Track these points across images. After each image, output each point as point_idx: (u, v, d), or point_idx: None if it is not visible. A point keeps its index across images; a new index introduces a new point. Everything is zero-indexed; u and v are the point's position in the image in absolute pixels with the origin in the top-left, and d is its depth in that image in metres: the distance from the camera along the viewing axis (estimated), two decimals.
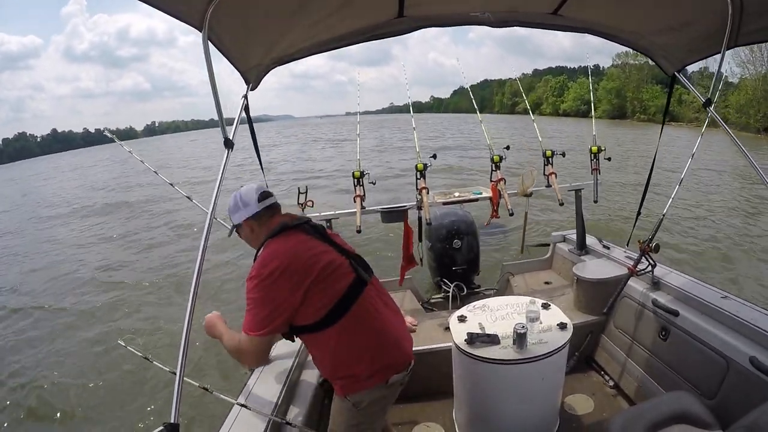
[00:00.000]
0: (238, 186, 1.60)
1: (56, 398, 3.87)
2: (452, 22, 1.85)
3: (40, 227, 12.39)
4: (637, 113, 42.98)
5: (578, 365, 2.65)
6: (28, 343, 5.00)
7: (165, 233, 9.65)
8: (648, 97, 42.42)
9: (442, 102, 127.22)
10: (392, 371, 1.50)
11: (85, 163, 40.39)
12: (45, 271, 7.93)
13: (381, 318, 1.52)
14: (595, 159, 3.14)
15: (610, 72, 48.60)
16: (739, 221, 7.85)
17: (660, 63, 2.10)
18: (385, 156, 18.88)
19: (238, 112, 1.69)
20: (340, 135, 33.75)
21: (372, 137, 28.72)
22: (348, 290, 1.43)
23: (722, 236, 6.95)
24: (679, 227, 7.22)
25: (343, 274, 1.44)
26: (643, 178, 2.65)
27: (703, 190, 10.14)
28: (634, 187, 9.65)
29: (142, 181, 17.38)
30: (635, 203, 2.78)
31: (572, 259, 3.22)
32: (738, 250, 6.38)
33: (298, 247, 1.42)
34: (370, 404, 1.50)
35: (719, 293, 2.07)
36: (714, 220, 7.79)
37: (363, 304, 1.46)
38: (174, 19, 1.17)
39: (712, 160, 13.58)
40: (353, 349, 1.46)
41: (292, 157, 22.66)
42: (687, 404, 1.51)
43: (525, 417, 1.90)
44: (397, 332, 1.57)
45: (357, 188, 2.99)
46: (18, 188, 26.56)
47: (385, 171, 13.80)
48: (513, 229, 6.15)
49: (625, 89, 45.62)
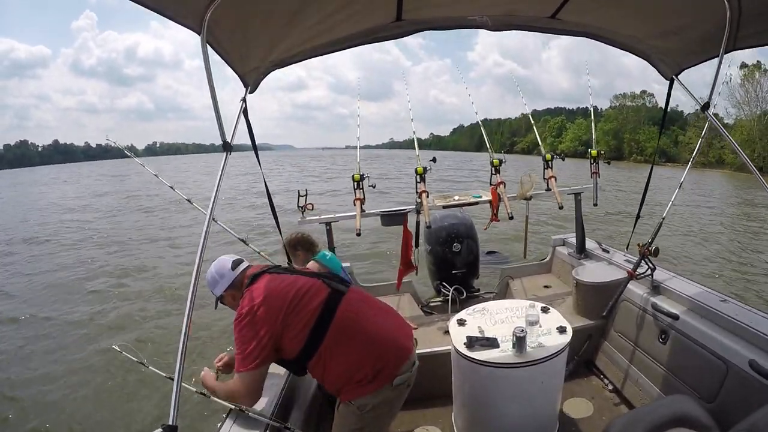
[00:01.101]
0: (238, 185, 1.62)
1: (51, 405, 3.85)
2: (450, 26, 1.85)
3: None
4: (634, 154, 43.93)
5: (578, 369, 2.64)
6: (21, 349, 4.99)
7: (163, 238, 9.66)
8: (644, 138, 43.33)
9: (441, 139, 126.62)
10: (394, 370, 1.50)
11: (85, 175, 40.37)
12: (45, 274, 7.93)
13: (369, 322, 1.54)
14: (594, 163, 3.14)
15: (608, 113, 49.50)
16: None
17: (658, 66, 2.10)
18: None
19: (236, 115, 1.70)
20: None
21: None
22: (325, 305, 1.49)
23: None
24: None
25: (316, 293, 1.52)
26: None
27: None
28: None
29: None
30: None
31: (572, 262, 3.21)
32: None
33: (270, 284, 1.53)
34: (375, 407, 1.50)
35: (719, 297, 2.07)
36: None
37: (345, 314, 1.50)
38: (181, 36, 1.18)
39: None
40: (350, 358, 1.48)
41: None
42: (686, 408, 1.50)
43: (524, 420, 1.89)
44: (392, 331, 1.58)
45: (357, 191, 2.99)
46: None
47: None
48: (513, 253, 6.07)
49: (622, 131, 46.63)
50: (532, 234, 4.81)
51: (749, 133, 28.72)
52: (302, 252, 2.38)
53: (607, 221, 9.42)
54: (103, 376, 4.14)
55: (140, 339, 4.83)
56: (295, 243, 2.38)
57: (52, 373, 4.36)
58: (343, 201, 9.74)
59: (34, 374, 4.38)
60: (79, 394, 3.94)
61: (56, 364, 4.54)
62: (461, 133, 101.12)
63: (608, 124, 47.49)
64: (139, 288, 6.68)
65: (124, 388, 3.89)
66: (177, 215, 12.53)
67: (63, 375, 4.31)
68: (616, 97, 50.57)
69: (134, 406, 3.65)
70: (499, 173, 3.01)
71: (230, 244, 3.02)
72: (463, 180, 17.57)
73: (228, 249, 1.95)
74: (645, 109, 46.40)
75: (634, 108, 47.55)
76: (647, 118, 44.85)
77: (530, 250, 3.78)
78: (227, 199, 14.36)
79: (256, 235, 8.51)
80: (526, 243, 3.84)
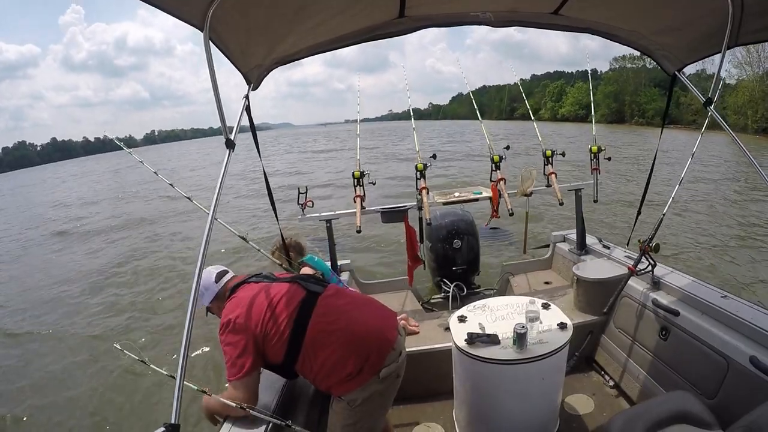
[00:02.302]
0: (240, 184, 1.62)
1: (51, 404, 3.86)
2: (453, 22, 1.85)
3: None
4: (636, 117, 43.13)
5: (578, 365, 2.65)
6: (21, 350, 4.99)
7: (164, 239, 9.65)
8: (646, 100, 42.54)
9: (441, 109, 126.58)
10: (378, 363, 1.51)
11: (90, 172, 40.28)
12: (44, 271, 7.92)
13: (347, 318, 1.57)
14: (595, 159, 3.14)
15: (608, 76, 48.77)
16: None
17: (660, 62, 2.10)
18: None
19: (238, 112, 1.69)
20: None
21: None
22: (300, 308, 1.54)
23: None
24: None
25: (292, 297, 1.57)
26: (639, 190, 2.64)
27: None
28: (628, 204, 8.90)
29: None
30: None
31: (572, 259, 3.22)
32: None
33: (249, 293, 1.60)
34: (365, 401, 1.52)
35: (719, 293, 2.08)
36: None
37: (320, 314, 1.54)
38: (170, 22, 1.17)
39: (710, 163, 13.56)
40: (332, 357, 1.51)
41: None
42: (687, 404, 1.51)
43: (525, 417, 1.89)
44: (371, 324, 1.59)
45: (357, 188, 2.99)
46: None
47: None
48: (514, 232, 6.13)
49: (622, 93, 45.71)
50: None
51: (752, 93, 28.16)
52: (294, 254, 2.57)
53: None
54: (105, 375, 4.14)
55: (141, 337, 4.83)
56: (289, 246, 2.56)
57: (52, 372, 4.37)
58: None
59: (33, 374, 4.39)
60: (80, 393, 3.95)
61: (56, 363, 4.55)
62: (460, 101, 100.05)
63: (608, 86, 46.60)
64: (142, 285, 6.68)
65: (126, 386, 3.90)
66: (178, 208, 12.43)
67: (63, 374, 4.32)
68: (616, 60, 49.42)
69: (136, 404, 3.66)
70: (499, 169, 3.01)
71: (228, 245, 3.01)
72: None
73: (227, 249, 1.96)
74: (645, 70, 44.88)
75: (634, 70, 46.28)
76: (648, 79, 43.61)
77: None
78: (229, 192, 14.29)
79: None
80: (526, 239, 3.85)
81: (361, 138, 3.23)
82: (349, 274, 3.26)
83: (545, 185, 3.11)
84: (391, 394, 1.63)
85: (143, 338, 4.80)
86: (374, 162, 18.51)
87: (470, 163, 16.26)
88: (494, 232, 5.97)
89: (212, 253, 7.09)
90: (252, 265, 5.75)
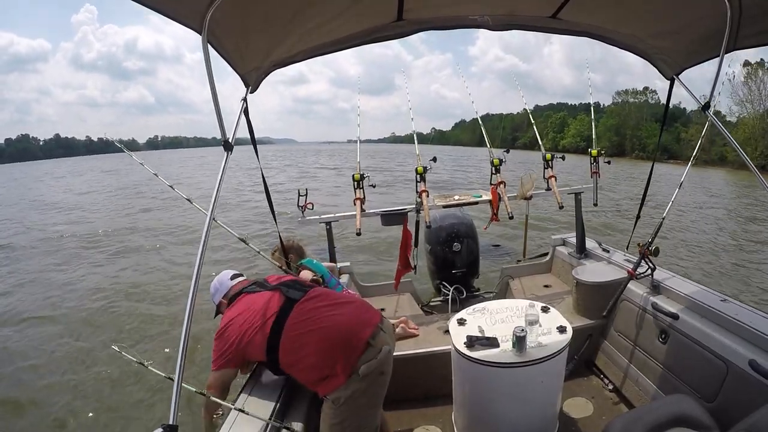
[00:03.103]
0: (239, 185, 1.63)
1: (50, 405, 3.85)
2: (451, 26, 1.85)
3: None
4: (636, 150, 43.58)
5: (578, 369, 2.64)
6: (20, 348, 4.97)
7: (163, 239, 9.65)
8: (647, 134, 42.95)
9: (444, 134, 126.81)
10: (353, 362, 1.55)
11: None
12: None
13: (322, 320, 1.64)
14: (594, 162, 3.14)
15: (610, 109, 49.31)
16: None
17: (659, 66, 2.10)
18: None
19: (237, 114, 1.70)
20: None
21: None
22: (277, 316, 1.67)
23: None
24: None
25: (271, 306, 1.71)
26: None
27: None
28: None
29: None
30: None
31: (572, 262, 3.21)
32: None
33: (241, 306, 1.78)
34: (348, 400, 1.56)
35: (719, 297, 2.07)
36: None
37: (294, 320, 1.65)
38: (181, 30, 1.18)
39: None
40: (309, 360, 1.59)
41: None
42: (686, 407, 1.50)
43: (524, 420, 1.89)
44: (346, 324, 1.64)
45: (357, 191, 2.99)
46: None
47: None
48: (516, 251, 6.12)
49: (624, 127, 46.33)
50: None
51: (752, 131, 28.61)
52: (294, 256, 2.64)
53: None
54: (103, 377, 4.13)
55: (140, 339, 4.82)
56: (289, 249, 2.64)
57: (51, 373, 4.35)
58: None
59: (32, 375, 4.37)
60: (78, 395, 3.93)
61: (54, 364, 4.53)
62: (463, 127, 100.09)
63: (610, 120, 47.23)
64: (140, 286, 6.67)
65: (124, 388, 3.89)
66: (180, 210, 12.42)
67: (62, 375, 4.30)
68: (618, 94, 50.51)
69: (134, 406, 3.65)
70: (499, 173, 3.01)
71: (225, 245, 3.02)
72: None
73: (227, 247, 1.99)
74: (647, 105, 46.08)
75: (636, 104, 47.29)
76: (649, 114, 44.49)
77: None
78: (228, 193, 14.27)
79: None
80: (526, 242, 3.85)
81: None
82: (349, 277, 3.26)
83: (545, 189, 3.11)
84: (378, 392, 1.65)
85: (141, 340, 4.78)
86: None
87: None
88: (495, 249, 5.97)
89: (214, 253, 7.12)
90: (253, 266, 5.77)
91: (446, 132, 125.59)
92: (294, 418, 1.75)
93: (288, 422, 1.66)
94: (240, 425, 1.55)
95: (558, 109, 68.78)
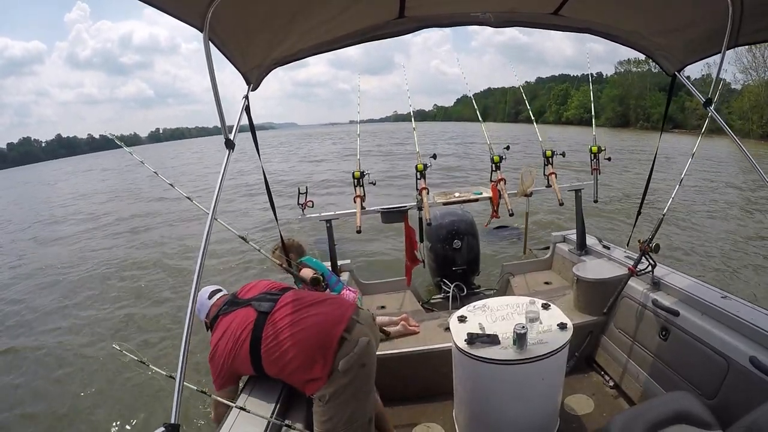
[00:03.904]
0: (240, 184, 1.63)
1: (51, 404, 3.85)
2: (453, 23, 1.85)
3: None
4: (640, 121, 42.95)
5: (578, 365, 2.65)
6: (18, 348, 4.98)
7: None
8: (651, 104, 42.31)
9: (446, 110, 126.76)
10: (329, 359, 1.58)
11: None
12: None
13: (295, 326, 1.66)
14: (595, 159, 3.14)
15: (613, 79, 48.65)
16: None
17: (660, 63, 2.10)
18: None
19: (239, 112, 1.69)
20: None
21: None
22: (252, 332, 1.70)
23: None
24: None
25: (245, 322, 1.74)
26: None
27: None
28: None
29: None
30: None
31: (572, 259, 3.22)
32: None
33: (220, 330, 1.81)
34: (333, 396, 1.59)
35: (719, 293, 2.07)
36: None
37: (269, 332, 1.68)
38: (176, 20, 1.17)
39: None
40: (290, 365, 1.62)
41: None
42: (687, 404, 1.51)
43: (525, 417, 1.89)
44: (316, 323, 1.66)
45: (357, 189, 2.99)
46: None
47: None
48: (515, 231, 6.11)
49: (627, 97, 45.62)
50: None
51: (756, 98, 28.21)
52: (295, 255, 2.67)
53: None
54: (104, 376, 4.14)
55: (141, 338, 4.83)
56: (289, 248, 2.67)
57: (52, 372, 4.36)
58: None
59: (33, 374, 4.38)
60: (80, 394, 3.94)
61: (56, 363, 4.54)
62: (465, 103, 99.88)
63: (613, 90, 46.50)
64: (141, 284, 6.67)
65: (126, 387, 3.90)
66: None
67: (63, 374, 4.31)
68: (621, 63, 49.53)
69: (136, 405, 3.66)
70: (499, 170, 3.01)
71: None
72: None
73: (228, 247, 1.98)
74: (650, 74, 44.48)
75: (639, 74, 46.10)
76: (653, 83, 43.36)
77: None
78: (228, 192, 14.26)
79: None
80: (526, 239, 3.85)
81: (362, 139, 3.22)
82: (349, 275, 3.26)
83: (545, 185, 3.11)
84: (363, 385, 1.67)
85: (143, 339, 4.79)
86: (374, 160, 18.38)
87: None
88: (501, 231, 5.92)
89: (215, 253, 7.11)
90: (254, 268, 5.79)
91: (449, 108, 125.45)
92: (295, 415, 1.75)
93: (289, 420, 1.67)
94: (241, 424, 1.55)
95: (560, 80, 68.24)
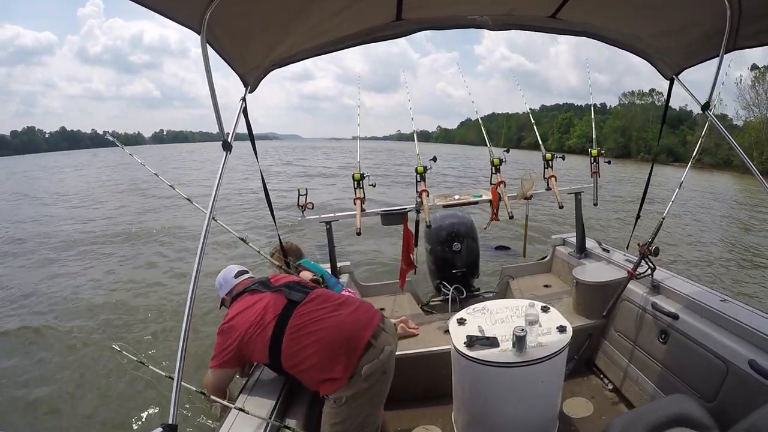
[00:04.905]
0: (239, 186, 1.63)
1: (48, 405, 3.84)
2: (450, 25, 1.85)
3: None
4: (642, 153, 43.26)
5: (578, 368, 2.64)
6: (17, 348, 4.97)
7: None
8: (652, 136, 42.31)
9: (449, 132, 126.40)
10: (354, 362, 1.56)
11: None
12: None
13: (323, 322, 1.65)
14: (594, 162, 3.14)
15: (616, 111, 49.30)
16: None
17: (658, 66, 2.10)
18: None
19: (236, 114, 1.70)
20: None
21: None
22: (279, 318, 1.68)
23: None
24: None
25: (274, 306, 1.72)
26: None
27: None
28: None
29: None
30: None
31: (572, 262, 3.21)
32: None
33: (245, 304, 1.78)
34: (350, 399, 1.57)
35: (719, 297, 2.07)
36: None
37: (296, 323, 1.65)
38: (173, 22, 1.18)
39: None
40: (310, 361, 1.60)
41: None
42: (686, 407, 1.50)
43: (524, 420, 1.89)
44: (346, 324, 1.65)
45: (357, 191, 2.99)
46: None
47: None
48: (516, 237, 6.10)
49: (629, 129, 46.08)
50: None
51: (758, 135, 28.54)
52: (293, 258, 2.70)
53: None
54: (102, 376, 4.12)
55: (139, 338, 4.82)
56: (288, 251, 2.71)
57: (50, 372, 4.35)
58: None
59: (30, 374, 4.37)
60: (77, 394, 3.93)
61: (53, 363, 4.53)
62: (468, 126, 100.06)
63: (616, 121, 47.08)
64: (140, 284, 6.66)
65: (124, 387, 3.88)
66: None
67: (61, 374, 4.30)
68: (625, 95, 50.49)
69: (134, 405, 3.65)
70: (499, 172, 3.01)
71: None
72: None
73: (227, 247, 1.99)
74: (653, 107, 45.71)
75: (642, 106, 47.10)
76: (655, 116, 44.01)
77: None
78: (226, 192, 14.28)
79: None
80: (526, 242, 3.85)
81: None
82: (349, 276, 3.26)
83: (545, 188, 3.11)
84: (380, 392, 1.66)
85: (141, 338, 4.78)
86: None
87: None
88: (502, 250, 5.94)
89: (215, 253, 7.11)
90: (254, 269, 5.73)
91: (452, 130, 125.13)
92: (294, 417, 1.75)
93: (288, 421, 1.66)
94: (240, 424, 1.55)
95: (564, 109, 68.79)
